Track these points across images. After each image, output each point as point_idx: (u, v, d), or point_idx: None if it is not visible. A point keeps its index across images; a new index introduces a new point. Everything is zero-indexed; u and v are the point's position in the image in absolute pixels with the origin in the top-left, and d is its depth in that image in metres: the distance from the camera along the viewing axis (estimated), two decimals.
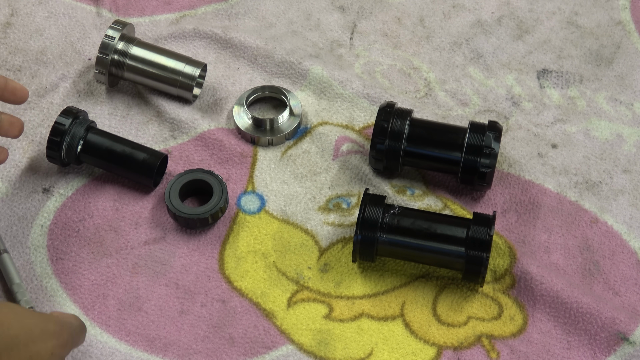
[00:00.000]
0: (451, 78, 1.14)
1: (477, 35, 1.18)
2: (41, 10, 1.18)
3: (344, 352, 0.94)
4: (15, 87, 0.96)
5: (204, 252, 1.00)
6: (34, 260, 0.99)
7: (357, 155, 1.07)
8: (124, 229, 1.01)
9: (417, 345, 0.94)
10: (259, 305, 0.97)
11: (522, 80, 1.13)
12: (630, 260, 1.00)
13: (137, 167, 1.02)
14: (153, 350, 0.94)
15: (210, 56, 1.14)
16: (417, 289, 0.98)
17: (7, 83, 0.96)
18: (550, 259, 1.00)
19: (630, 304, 0.97)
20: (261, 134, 1.07)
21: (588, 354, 0.94)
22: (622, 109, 1.11)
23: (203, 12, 1.19)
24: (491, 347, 0.94)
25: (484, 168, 0.99)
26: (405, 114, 1.02)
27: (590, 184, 1.05)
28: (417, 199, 1.03)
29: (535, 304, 0.96)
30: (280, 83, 1.12)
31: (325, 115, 1.10)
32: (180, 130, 1.08)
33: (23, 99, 0.97)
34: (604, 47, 1.16)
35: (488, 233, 0.93)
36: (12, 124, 0.97)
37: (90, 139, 1.03)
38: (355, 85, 1.11)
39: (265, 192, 1.04)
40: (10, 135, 0.97)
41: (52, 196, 1.03)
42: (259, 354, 0.94)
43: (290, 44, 1.15)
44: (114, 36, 1.08)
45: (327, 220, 1.02)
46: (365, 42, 1.17)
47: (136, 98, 1.11)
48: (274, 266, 0.99)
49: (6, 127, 0.96)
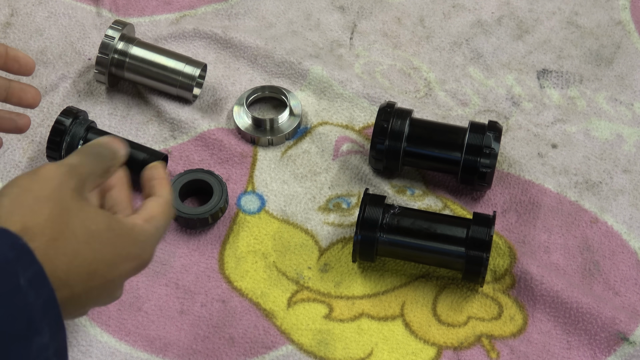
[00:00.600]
0: (451, 78, 1.14)
1: (477, 35, 1.18)
2: (41, 10, 1.18)
3: (344, 352, 0.94)
4: (17, 54, 0.92)
5: (204, 252, 1.00)
6: None
7: (357, 155, 1.07)
8: None
9: (417, 345, 0.94)
10: (259, 305, 0.97)
11: (522, 80, 1.13)
12: (630, 260, 1.00)
13: (137, 167, 1.02)
14: (153, 350, 0.94)
15: (210, 56, 1.14)
16: (417, 289, 0.98)
17: (7, 50, 0.92)
18: (550, 259, 1.00)
19: (630, 304, 0.97)
20: (261, 134, 1.07)
21: (588, 354, 0.94)
22: (622, 109, 1.11)
23: (203, 12, 1.19)
24: (491, 347, 0.94)
25: (484, 168, 0.99)
26: (405, 114, 1.02)
27: (590, 184, 1.05)
28: (417, 199, 1.03)
29: (535, 304, 0.96)
30: (280, 83, 1.12)
31: (325, 115, 1.10)
32: (180, 130, 1.08)
33: (29, 68, 0.93)
34: (604, 47, 1.16)
35: (488, 233, 0.93)
36: (23, 90, 0.93)
37: (90, 139, 1.02)
38: (355, 85, 1.11)
39: (265, 192, 1.04)
40: (24, 102, 0.93)
41: None
42: (259, 354, 0.94)
43: (290, 44, 1.15)
44: (114, 36, 1.08)
45: (327, 220, 1.02)
46: (365, 42, 1.17)
47: (136, 98, 1.11)
48: (274, 266, 0.99)
49: (18, 94, 0.93)
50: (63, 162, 0.73)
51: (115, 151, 0.77)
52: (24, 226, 0.67)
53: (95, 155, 0.76)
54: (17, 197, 0.68)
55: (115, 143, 0.78)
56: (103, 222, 0.71)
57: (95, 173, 0.75)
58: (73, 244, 0.69)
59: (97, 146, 0.77)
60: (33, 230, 0.67)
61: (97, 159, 0.76)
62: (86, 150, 0.76)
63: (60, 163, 0.73)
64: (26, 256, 0.65)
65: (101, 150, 0.77)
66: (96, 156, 0.76)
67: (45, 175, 0.70)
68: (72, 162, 0.73)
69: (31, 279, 0.65)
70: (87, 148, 0.76)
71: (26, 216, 0.67)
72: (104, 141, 0.78)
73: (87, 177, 0.74)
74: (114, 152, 0.77)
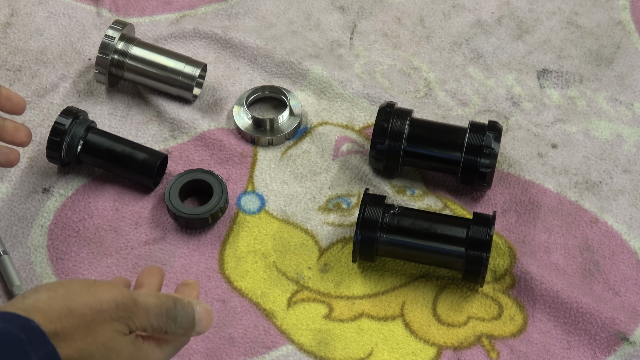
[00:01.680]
0: (451, 78, 1.14)
1: (477, 35, 1.18)
2: (41, 10, 1.18)
3: (344, 352, 0.94)
4: (10, 94, 0.95)
5: (204, 252, 1.00)
6: (34, 261, 0.98)
7: (357, 155, 1.07)
8: (124, 229, 1.01)
9: (417, 345, 0.94)
10: (259, 305, 0.97)
11: (522, 80, 1.13)
12: (630, 260, 1.00)
13: (137, 167, 1.02)
14: None
15: (210, 56, 1.14)
16: (417, 289, 0.98)
17: (0, 90, 0.94)
18: (550, 259, 1.00)
19: (630, 304, 0.97)
20: (261, 134, 1.07)
21: (588, 354, 0.94)
22: (622, 109, 1.11)
23: (203, 12, 1.19)
24: (491, 347, 0.94)
25: (484, 168, 0.99)
26: (405, 114, 1.02)
27: (590, 184, 1.05)
28: (417, 199, 1.03)
29: (535, 304, 0.96)
30: (280, 83, 1.12)
31: (325, 115, 1.10)
32: (180, 130, 1.08)
33: (20, 107, 0.96)
34: (604, 47, 1.16)
35: (488, 233, 0.93)
36: (17, 129, 0.96)
37: (90, 139, 1.03)
38: (355, 85, 1.11)
39: (265, 192, 1.04)
40: (16, 141, 0.96)
41: (52, 196, 1.03)
42: (259, 354, 0.94)
43: (290, 44, 1.15)
44: (114, 36, 1.08)
45: (327, 220, 1.02)
46: (365, 42, 1.17)
47: (136, 98, 1.11)
48: (274, 266, 0.99)
49: (12, 133, 0.95)
50: (127, 294, 0.73)
51: (192, 326, 0.77)
52: (50, 329, 0.68)
53: (167, 316, 0.75)
54: (55, 298, 0.70)
55: (204, 316, 0.77)
56: (126, 355, 0.72)
57: (155, 330, 0.74)
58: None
59: (180, 307, 0.76)
60: (60, 336, 0.69)
61: (167, 319, 0.75)
62: (165, 304, 0.75)
63: (122, 292, 0.72)
64: (39, 338, 0.67)
65: (180, 315, 0.76)
66: (168, 317, 0.75)
67: (96, 294, 0.71)
68: (138, 301, 0.73)
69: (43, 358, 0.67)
70: (170, 303, 0.75)
71: (53, 322, 0.68)
72: (192, 307, 0.77)
73: (140, 323, 0.73)
74: (192, 326, 0.77)
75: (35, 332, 0.67)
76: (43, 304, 0.69)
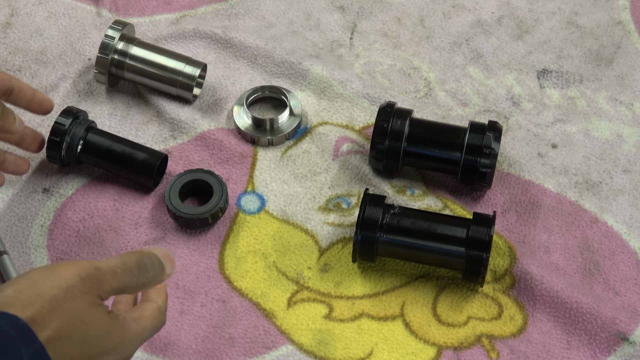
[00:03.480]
0: (451, 78, 1.14)
1: (477, 35, 1.18)
2: (41, 10, 1.18)
3: (344, 352, 0.94)
4: (42, 98, 0.98)
5: (204, 252, 1.00)
6: (34, 261, 0.99)
7: (357, 155, 1.07)
8: (124, 229, 1.01)
9: (417, 345, 0.94)
10: (259, 305, 0.97)
11: (522, 80, 1.14)
12: (630, 260, 1.00)
13: (137, 167, 1.02)
14: (153, 350, 0.94)
15: (210, 56, 1.14)
16: (417, 289, 0.98)
17: (34, 95, 0.98)
18: (550, 259, 1.00)
19: (630, 304, 0.97)
20: (261, 134, 1.07)
21: (588, 354, 0.94)
22: (622, 109, 1.11)
23: (203, 12, 1.19)
24: (491, 347, 0.94)
25: (484, 168, 0.99)
26: (405, 114, 1.02)
27: (590, 184, 1.05)
28: (417, 199, 1.03)
29: (535, 304, 0.96)
30: (280, 83, 1.12)
31: (325, 115, 1.10)
32: (180, 130, 1.08)
33: (48, 111, 1.00)
34: (604, 47, 1.16)
35: (488, 233, 0.93)
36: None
37: (90, 139, 1.03)
38: (355, 85, 1.11)
39: (265, 192, 1.04)
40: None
41: (52, 196, 1.03)
42: (259, 354, 0.94)
43: (290, 44, 1.15)
44: (114, 36, 1.08)
45: (327, 220, 1.02)
46: (365, 42, 1.17)
47: (136, 98, 1.11)
48: (274, 266, 0.99)
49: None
50: (88, 265, 0.74)
51: (162, 269, 0.78)
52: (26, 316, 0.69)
53: (137, 268, 0.76)
54: (21, 290, 0.70)
55: (168, 259, 0.78)
56: (103, 326, 0.73)
57: (128, 286, 0.75)
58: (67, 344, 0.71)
59: (146, 257, 0.77)
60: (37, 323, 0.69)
61: (138, 272, 0.76)
62: (129, 260, 0.76)
63: (82, 265, 0.73)
64: (28, 334, 0.68)
65: (148, 262, 0.77)
66: (139, 269, 0.76)
67: (59, 275, 0.72)
68: (100, 267, 0.74)
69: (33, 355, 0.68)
70: (133, 257, 0.77)
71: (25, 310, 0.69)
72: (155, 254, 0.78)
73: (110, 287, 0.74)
74: (162, 269, 0.78)
75: (24, 328, 0.68)
76: (12, 299, 0.70)
